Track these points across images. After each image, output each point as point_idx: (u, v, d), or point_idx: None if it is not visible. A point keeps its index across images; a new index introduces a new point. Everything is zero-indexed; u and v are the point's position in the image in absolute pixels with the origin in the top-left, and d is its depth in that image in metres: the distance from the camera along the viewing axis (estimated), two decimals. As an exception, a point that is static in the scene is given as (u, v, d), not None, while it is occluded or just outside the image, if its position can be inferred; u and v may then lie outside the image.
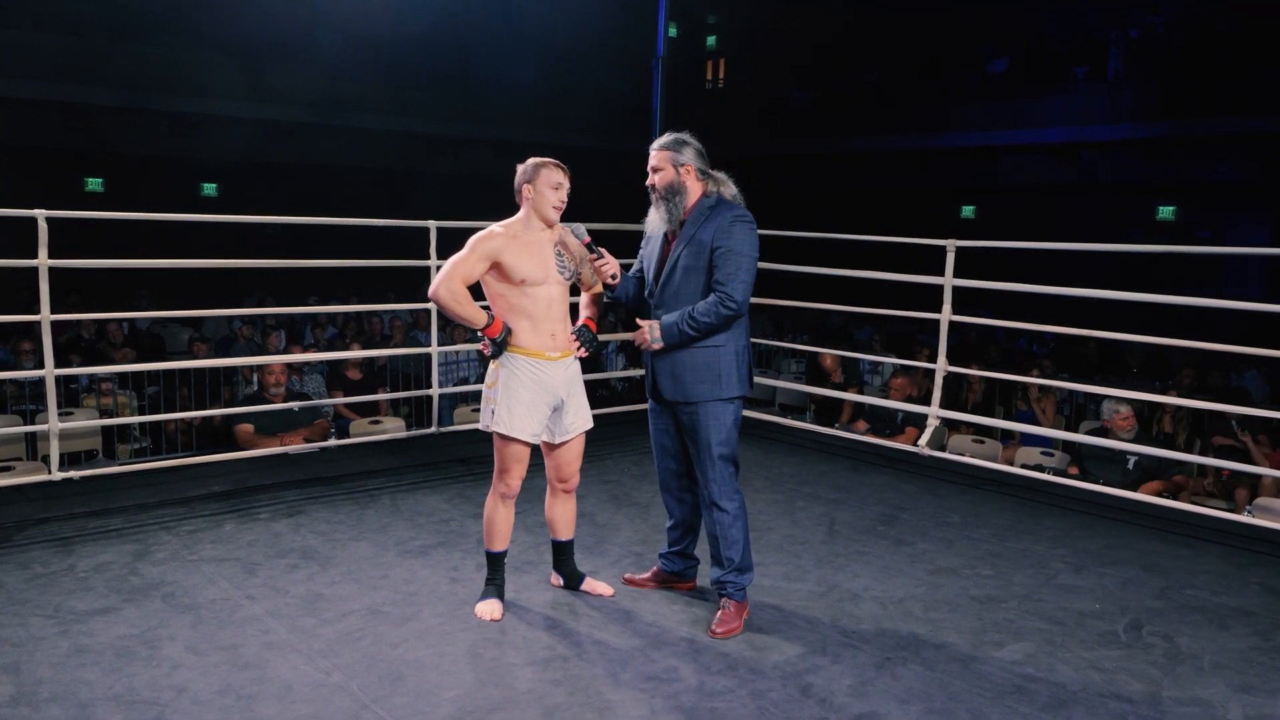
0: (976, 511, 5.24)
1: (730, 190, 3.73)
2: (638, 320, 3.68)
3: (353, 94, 16.79)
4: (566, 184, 3.66)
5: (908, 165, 18.54)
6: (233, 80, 15.47)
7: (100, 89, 14.71)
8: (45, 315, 4.86)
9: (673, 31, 8.21)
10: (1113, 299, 5.48)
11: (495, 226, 3.66)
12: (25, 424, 6.49)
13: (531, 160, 3.69)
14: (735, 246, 3.56)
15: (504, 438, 3.65)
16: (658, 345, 3.61)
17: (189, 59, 14.99)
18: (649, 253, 3.82)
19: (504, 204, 3.79)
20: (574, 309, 3.87)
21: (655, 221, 3.74)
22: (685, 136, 3.72)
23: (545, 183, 3.62)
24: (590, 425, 3.84)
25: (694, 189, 3.68)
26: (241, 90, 15.67)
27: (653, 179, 3.71)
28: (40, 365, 4.98)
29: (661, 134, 3.81)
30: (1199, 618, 3.94)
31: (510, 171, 3.72)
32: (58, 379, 5.06)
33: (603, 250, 3.73)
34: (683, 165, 3.65)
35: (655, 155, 3.71)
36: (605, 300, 3.94)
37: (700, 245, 3.59)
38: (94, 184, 16.06)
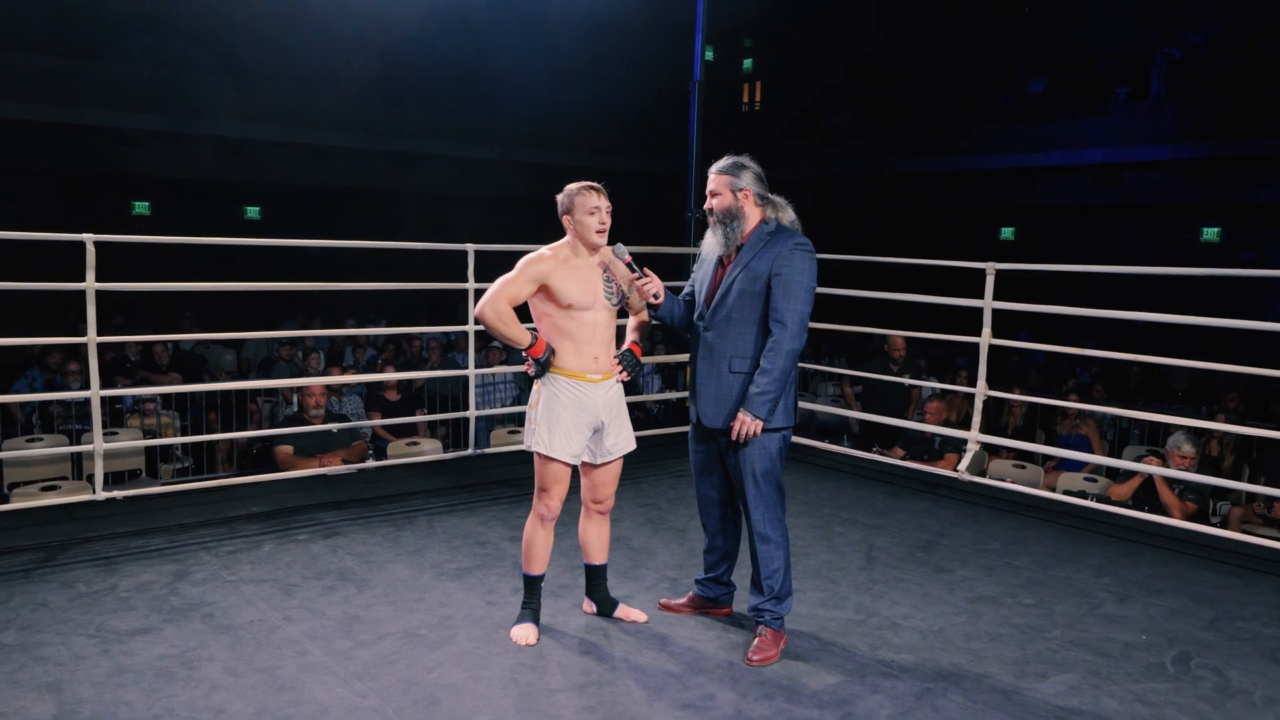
0: (1018, 538, 5.15)
1: (789, 216, 3.68)
2: (733, 425, 3.57)
3: (391, 119, 17.03)
4: (604, 204, 3.64)
5: (946, 187, 18.44)
6: (275, 106, 15.77)
7: (147, 115, 15.05)
8: (91, 337, 4.95)
9: (709, 55, 8.22)
10: (1155, 321, 5.39)
11: (544, 249, 3.66)
12: (71, 443, 6.60)
13: (567, 188, 3.69)
14: (794, 276, 3.51)
15: (545, 458, 3.66)
16: (761, 422, 3.53)
17: (233, 85, 15.30)
18: (701, 275, 3.79)
19: (541, 226, 3.80)
20: (620, 331, 3.85)
21: (710, 244, 3.71)
22: (745, 160, 3.67)
23: (582, 210, 3.61)
24: (632, 447, 3.83)
25: (752, 214, 3.64)
26: (284, 116, 15.96)
27: (710, 202, 3.68)
28: (86, 386, 5.07)
29: (699, 157, 3.80)
30: (1250, 650, 3.84)
31: (546, 194, 3.73)
32: (103, 400, 5.13)
33: (646, 270, 3.71)
34: (741, 190, 3.62)
35: (714, 179, 3.67)
36: (651, 321, 3.91)
37: (756, 272, 3.55)
38: (141, 207, 16.40)
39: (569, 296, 3.58)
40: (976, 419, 6.04)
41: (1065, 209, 17.40)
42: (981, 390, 6.00)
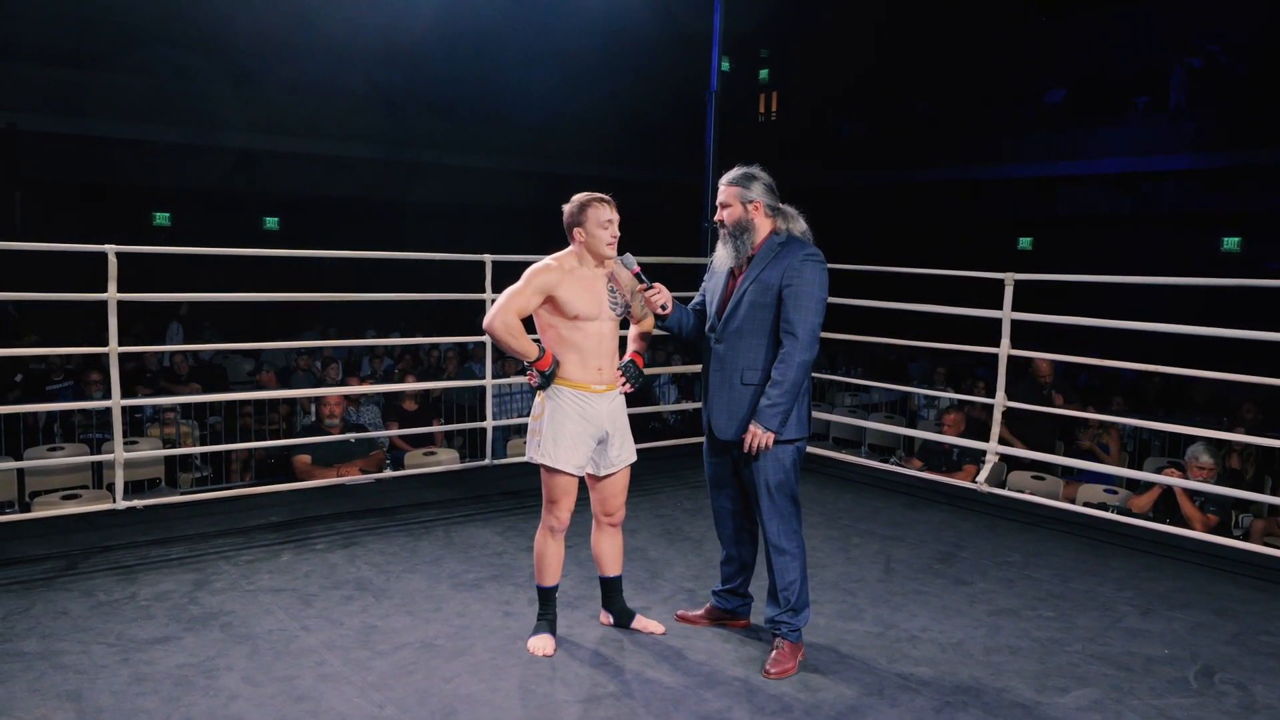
0: (1038, 550, 5.12)
1: (800, 226, 3.66)
2: (745, 438, 3.56)
3: (410, 131, 17.13)
4: (616, 217, 3.63)
5: (964, 196, 18.39)
6: (295, 117, 15.91)
7: (168, 127, 15.21)
8: (113, 348, 4.99)
9: (725, 65, 8.23)
10: (1175, 333, 5.34)
11: (550, 260, 3.65)
12: (92, 452, 6.65)
13: (576, 199, 3.65)
14: (804, 287, 3.49)
15: (550, 470, 3.66)
16: (773, 434, 3.51)
17: (253, 97, 15.46)
18: (712, 287, 3.78)
19: (554, 237, 3.79)
20: (622, 341, 3.85)
21: (721, 256, 3.70)
22: (755, 171, 3.65)
23: (594, 222, 3.59)
24: (634, 459, 3.83)
25: (762, 226, 3.63)
26: (303, 127, 16.09)
27: (721, 214, 3.67)
28: (108, 395, 5.11)
29: (715, 167, 3.80)
30: (1274, 664, 3.80)
31: (560, 204, 3.69)
32: (123, 409, 5.17)
33: (656, 284, 3.71)
34: (751, 202, 3.61)
35: (724, 191, 3.66)
36: (657, 331, 3.91)
37: (767, 284, 3.54)
38: (161, 218, 16.56)
39: (575, 308, 3.58)
40: (995, 430, 6.00)
41: (1084, 219, 17.32)
42: (1000, 401, 5.97)
